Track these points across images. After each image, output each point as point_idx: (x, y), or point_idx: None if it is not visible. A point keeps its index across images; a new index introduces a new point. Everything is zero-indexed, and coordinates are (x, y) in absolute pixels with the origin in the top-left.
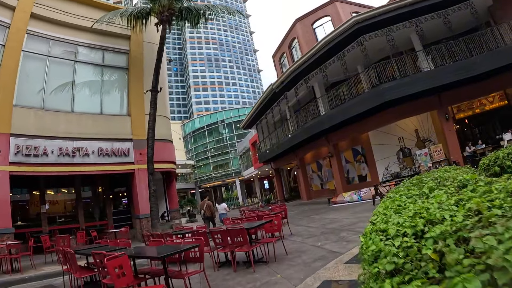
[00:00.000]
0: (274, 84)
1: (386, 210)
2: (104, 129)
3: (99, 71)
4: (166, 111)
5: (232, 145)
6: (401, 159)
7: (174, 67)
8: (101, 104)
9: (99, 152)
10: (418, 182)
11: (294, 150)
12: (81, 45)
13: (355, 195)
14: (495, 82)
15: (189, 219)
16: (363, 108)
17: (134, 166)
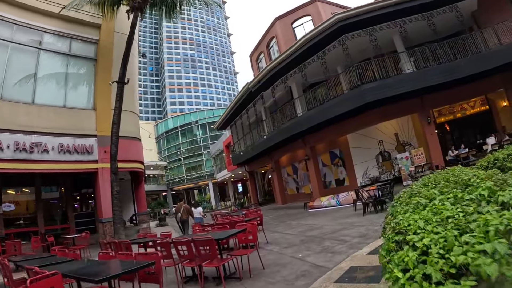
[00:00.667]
0: (251, 83)
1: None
2: (67, 124)
3: (65, 61)
4: (134, 107)
5: (205, 146)
6: (381, 163)
7: (150, 66)
8: (65, 97)
9: (60, 148)
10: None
11: (269, 153)
12: (48, 32)
13: (333, 199)
14: (477, 86)
15: (159, 223)
16: (342, 109)
17: (97, 165)
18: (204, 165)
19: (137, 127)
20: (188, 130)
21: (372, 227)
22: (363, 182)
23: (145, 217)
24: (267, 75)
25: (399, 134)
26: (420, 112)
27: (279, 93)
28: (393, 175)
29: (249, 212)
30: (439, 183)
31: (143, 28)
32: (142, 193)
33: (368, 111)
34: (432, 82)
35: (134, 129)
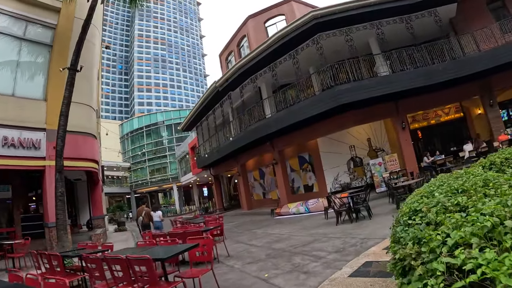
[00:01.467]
0: (218, 82)
1: None
2: (14, 114)
3: (18, 45)
4: (91, 100)
5: (171, 148)
6: (352, 168)
7: (119, 64)
8: (14, 84)
9: (3, 142)
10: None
11: (235, 156)
12: (2, 13)
13: (301, 206)
14: (453, 92)
15: (117, 228)
16: (314, 111)
17: (45, 162)
18: (168, 168)
19: (92, 122)
20: (154, 131)
21: (349, 240)
22: (333, 189)
23: (100, 222)
24: (236, 74)
25: (371, 139)
26: (394, 117)
27: (247, 93)
28: (365, 181)
29: (210, 219)
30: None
31: (115, 25)
32: (98, 195)
33: (341, 114)
34: (409, 86)
35: (89, 124)
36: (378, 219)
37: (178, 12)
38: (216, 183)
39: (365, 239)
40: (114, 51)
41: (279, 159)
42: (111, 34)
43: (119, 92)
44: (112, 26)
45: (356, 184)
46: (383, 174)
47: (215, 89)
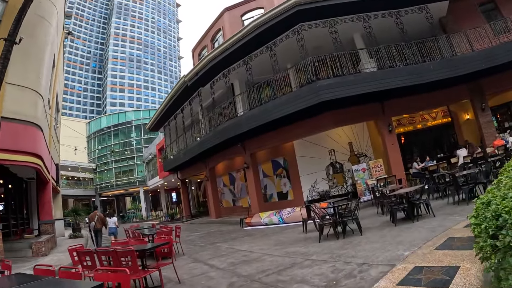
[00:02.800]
0: (187, 76)
1: None
2: None
3: None
4: (38, 85)
5: (140, 150)
6: (331, 175)
7: (93, 63)
8: None
9: None
10: None
11: (203, 159)
12: None
13: (275, 216)
14: (443, 94)
15: (72, 234)
16: (291, 109)
17: None
18: (135, 170)
19: (38, 111)
20: (122, 131)
21: (342, 265)
22: (310, 197)
23: (49, 227)
24: (207, 66)
25: (353, 143)
26: (380, 119)
27: (219, 91)
28: (345, 189)
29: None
30: None
31: (91, 21)
32: (47, 197)
33: (320, 114)
34: (398, 84)
35: (33, 112)
36: (371, 235)
37: (157, 12)
38: (183, 188)
39: (364, 265)
40: (89, 48)
41: (251, 163)
42: (86, 31)
43: (91, 91)
44: (88, 22)
45: (335, 192)
46: (367, 181)
47: (184, 83)
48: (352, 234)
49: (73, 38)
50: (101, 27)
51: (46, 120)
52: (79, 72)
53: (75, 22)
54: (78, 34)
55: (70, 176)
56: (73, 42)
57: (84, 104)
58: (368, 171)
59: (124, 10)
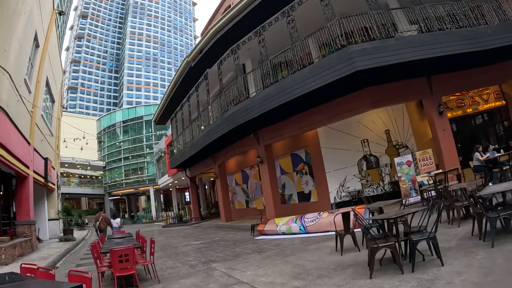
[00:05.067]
0: (190, 56)
1: None
2: None
3: None
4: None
5: (150, 146)
6: (364, 171)
7: (110, 62)
8: None
9: None
10: None
11: (212, 153)
12: None
13: (295, 223)
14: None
15: (63, 236)
16: (316, 84)
17: None
18: (146, 168)
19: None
20: (132, 127)
21: None
22: (338, 198)
23: (26, 229)
24: (212, 40)
25: (391, 131)
26: (427, 98)
27: (228, 74)
28: (382, 188)
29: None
30: None
31: (107, 21)
32: (25, 195)
33: (353, 93)
34: (450, 50)
35: None
36: (458, 264)
37: (173, 11)
38: (192, 187)
39: None
40: (105, 48)
41: (266, 157)
42: (103, 31)
43: (108, 90)
44: (104, 22)
45: (369, 192)
46: (414, 178)
47: (188, 65)
48: (422, 262)
49: (89, 38)
50: (117, 27)
51: (22, 105)
52: (95, 71)
53: (91, 22)
54: (94, 34)
55: (80, 175)
56: (89, 42)
57: (100, 103)
58: (414, 165)
59: (140, 10)
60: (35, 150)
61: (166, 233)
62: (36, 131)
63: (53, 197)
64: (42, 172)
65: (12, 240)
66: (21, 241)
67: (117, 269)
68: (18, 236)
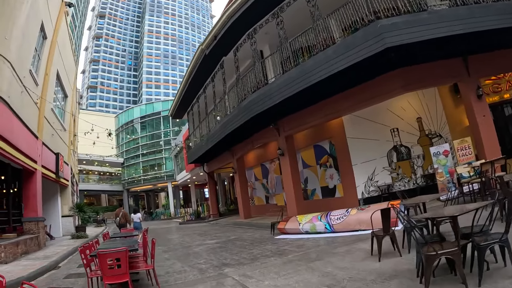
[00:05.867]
0: (204, 43)
1: None
2: None
3: None
4: (4, 47)
5: (168, 142)
6: (395, 163)
7: (128, 60)
8: None
9: None
10: None
11: (229, 146)
12: None
13: (320, 221)
14: None
15: (75, 233)
16: (341, 64)
17: None
18: (164, 164)
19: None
20: (149, 123)
21: None
22: (366, 193)
23: (33, 226)
24: (227, 25)
25: (423, 119)
26: (463, 81)
27: (246, 62)
28: (413, 182)
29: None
30: None
31: (125, 20)
32: (32, 191)
33: (383, 75)
34: (486, 26)
35: None
36: None
37: (190, 8)
38: (210, 183)
39: None
40: (123, 46)
41: (287, 149)
42: (121, 30)
43: (127, 88)
44: (122, 21)
45: (400, 186)
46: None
47: (202, 53)
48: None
49: (108, 38)
50: (134, 26)
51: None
52: (114, 70)
53: (109, 22)
54: (112, 33)
55: (99, 172)
56: (107, 42)
57: (120, 101)
58: (451, 155)
59: (157, 8)
60: (45, 144)
61: (181, 230)
62: (46, 125)
63: (66, 193)
64: (53, 167)
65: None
66: (25, 239)
67: (107, 275)
68: (25, 233)
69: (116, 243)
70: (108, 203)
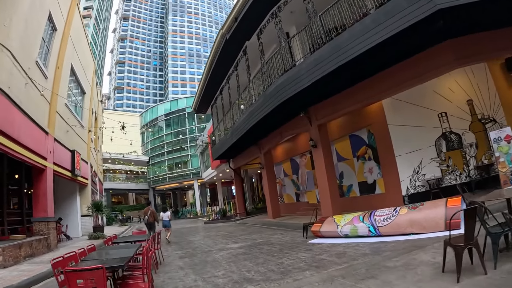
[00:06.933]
0: (224, 26)
1: None
2: None
3: None
4: (6, 37)
5: (193, 139)
6: (444, 153)
7: (154, 61)
8: None
9: None
10: None
11: (255, 140)
12: None
13: (362, 222)
14: None
15: (93, 233)
16: (383, 34)
17: None
18: (190, 162)
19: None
20: (174, 120)
21: None
22: (412, 189)
23: (43, 226)
24: (247, 4)
25: (474, 102)
26: None
27: (271, 47)
28: (466, 175)
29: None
30: None
31: (149, 21)
32: (42, 190)
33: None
34: None
35: None
36: None
37: (213, 7)
38: (237, 180)
39: None
40: (148, 47)
41: (320, 140)
42: (145, 31)
43: (154, 88)
44: (145, 23)
45: (451, 180)
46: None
47: (223, 38)
48: None
49: (132, 39)
50: (158, 26)
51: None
52: (140, 71)
53: (133, 23)
54: (136, 34)
55: (126, 171)
56: (132, 43)
57: (147, 101)
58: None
59: (180, 7)
60: (57, 141)
61: (205, 230)
62: (58, 121)
63: (86, 192)
64: (68, 165)
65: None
66: (31, 241)
67: None
68: (35, 234)
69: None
70: (135, 202)
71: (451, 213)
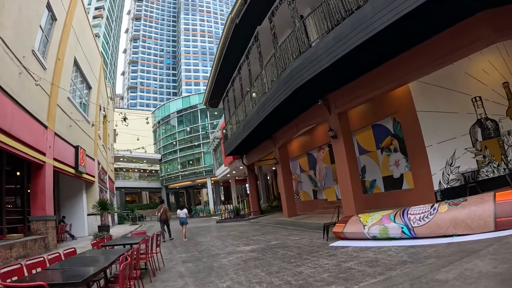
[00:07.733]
0: (233, 10)
1: None
2: None
3: None
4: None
5: (207, 136)
6: (480, 142)
7: (167, 60)
8: None
9: None
10: None
11: (269, 133)
12: None
13: (394, 222)
14: None
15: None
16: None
17: None
18: (202, 159)
19: None
20: (186, 117)
21: None
22: (445, 183)
23: (41, 225)
24: None
25: (511, 84)
26: None
27: (284, 32)
28: (504, 167)
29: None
30: None
31: (161, 21)
32: (40, 187)
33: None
34: None
35: None
36: None
37: (224, 5)
38: (250, 177)
39: None
40: (161, 46)
41: (341, 130)
42: (157, 31)
43: (167, 87)
44: (158, 22)
45: (488, 173)
46: None
47: (232, 23)
48: None
49: (145, 39)
50: (170, 25)
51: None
52: (153, 70)
53: (145, 23)
54: (149, 34)
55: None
56: (145, 43)
57: (160, 100)
58: None
59: (192, 6)
60: (58, 135)
61: (216, 230)
62: (59, 115)
63: (93, 190)
64: (71, 161)
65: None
66: (25, 240)
67: None
68: (32, 233)
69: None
70: (149, 200)
71: (502, 209)
